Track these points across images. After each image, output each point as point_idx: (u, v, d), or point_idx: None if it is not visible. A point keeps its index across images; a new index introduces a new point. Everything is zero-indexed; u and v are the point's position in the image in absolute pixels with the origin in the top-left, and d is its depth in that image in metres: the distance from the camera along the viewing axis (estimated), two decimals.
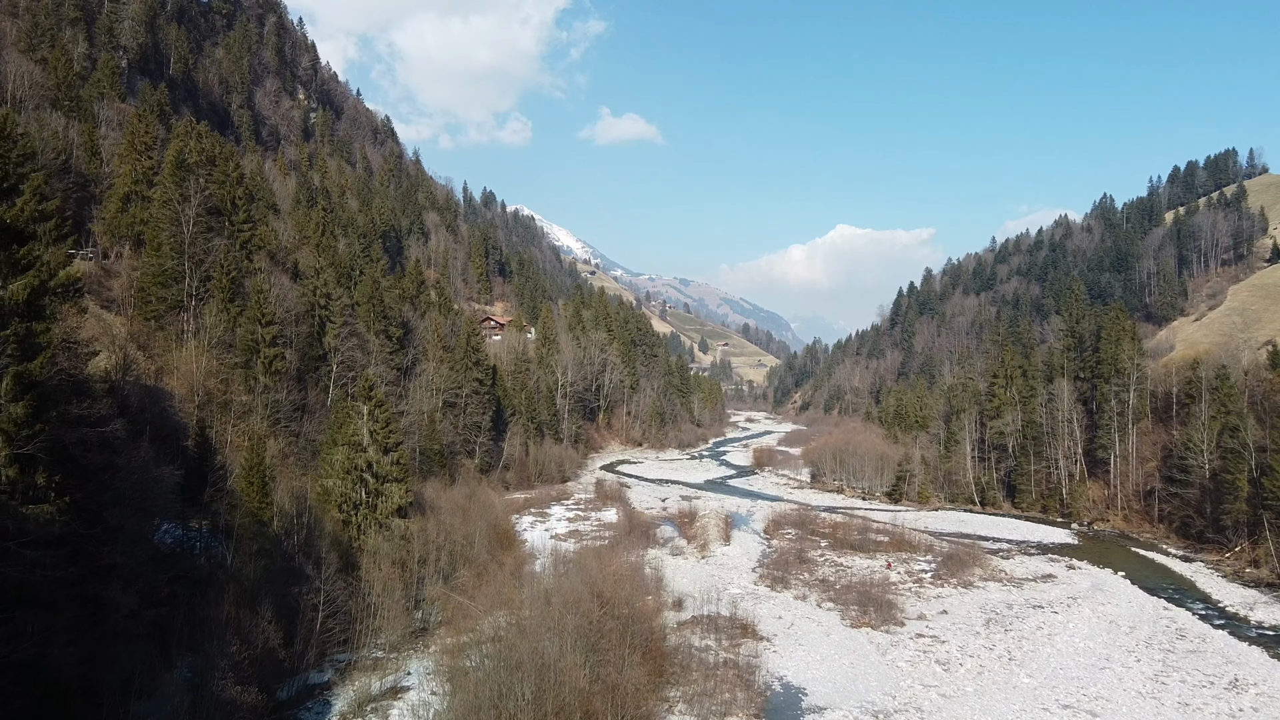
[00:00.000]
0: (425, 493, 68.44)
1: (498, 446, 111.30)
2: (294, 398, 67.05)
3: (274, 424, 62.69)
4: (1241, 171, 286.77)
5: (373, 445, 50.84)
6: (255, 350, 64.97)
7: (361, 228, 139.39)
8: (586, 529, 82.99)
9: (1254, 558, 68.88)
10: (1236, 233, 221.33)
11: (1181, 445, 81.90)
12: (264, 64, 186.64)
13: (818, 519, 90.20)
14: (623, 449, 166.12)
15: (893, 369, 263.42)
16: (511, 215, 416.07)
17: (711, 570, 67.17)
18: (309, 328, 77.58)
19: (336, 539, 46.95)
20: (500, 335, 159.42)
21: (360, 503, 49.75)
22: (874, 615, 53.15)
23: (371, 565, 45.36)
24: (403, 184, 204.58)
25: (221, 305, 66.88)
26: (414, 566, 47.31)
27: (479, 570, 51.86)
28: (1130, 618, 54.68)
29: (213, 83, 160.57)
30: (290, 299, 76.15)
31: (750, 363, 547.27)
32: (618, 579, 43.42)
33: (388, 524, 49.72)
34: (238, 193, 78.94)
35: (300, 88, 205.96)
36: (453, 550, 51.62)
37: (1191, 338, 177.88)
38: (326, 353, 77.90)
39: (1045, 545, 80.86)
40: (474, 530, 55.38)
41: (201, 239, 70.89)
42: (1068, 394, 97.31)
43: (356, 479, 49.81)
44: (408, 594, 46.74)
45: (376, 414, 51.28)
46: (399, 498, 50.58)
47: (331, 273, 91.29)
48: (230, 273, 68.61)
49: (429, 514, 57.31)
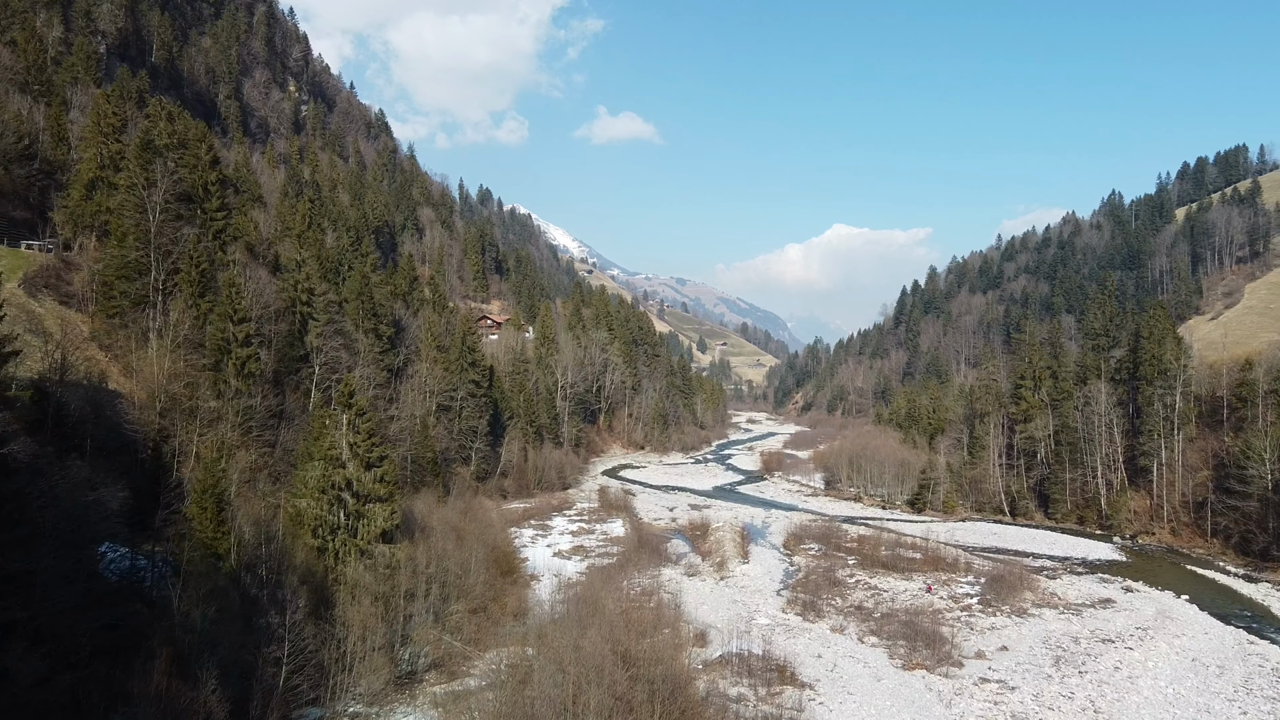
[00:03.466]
0: (416, 508, 61.85)
1: (495, 452, 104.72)
2: (270, 403, 60.37)
3: (246, 433, 56.03)
4: (1253, 167, 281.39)
5: (353, 460, 44.23)
6: (226, 350, 58.32)
7: (353, 222, 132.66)
8: (592, 544, 76.53)
9: None
10: (1252, 229, 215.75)
11: (1239, 453, 75.42)
12: (253, 54, 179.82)
13: (840, 532, 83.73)
14: (625, 453, 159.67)
15: (897, 369, 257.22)
16: (508, 213, 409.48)
17: (733, 594, 60.66)
18: (289, 326, 70.93)
19: (309, 571, 40.33)
20: (497, 334, 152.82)
21: (338, 526, 43.14)
22: (926, 653, 46.63)
23: (350, 601, 38.76)
24: (396, 179, 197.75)
25: (190, 300, 60.25)
26: (400, 602, 40.66)
27: (476, 605, 45.32)
28: (1213, 654, 48.23)
29: (198, 72, 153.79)
30: (268, 294, 69.46)
31: (749, 362, 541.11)
32: (641, 626, 36.92)
33: (370, 550, 43.13)
34: (211, 178, 72.28)
35: (291, 79, 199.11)
36: (445, 581, 45.00)
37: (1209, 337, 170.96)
38: (308, 353, 71.19)
39: (1091, 562, 74.41)
40: (470, 556, 48.73)
41: (170, 228, 64.32)
42: (1105, 397, 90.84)
43: (334, 499, 43.20)
44: (392, 632, 40.16)
45: (358, 424, 44.66)
46: (383, 520, 43.98)
47: (316, 266, 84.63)
48: (200, 265, 61.94)
49: (419, 536, 50.71)
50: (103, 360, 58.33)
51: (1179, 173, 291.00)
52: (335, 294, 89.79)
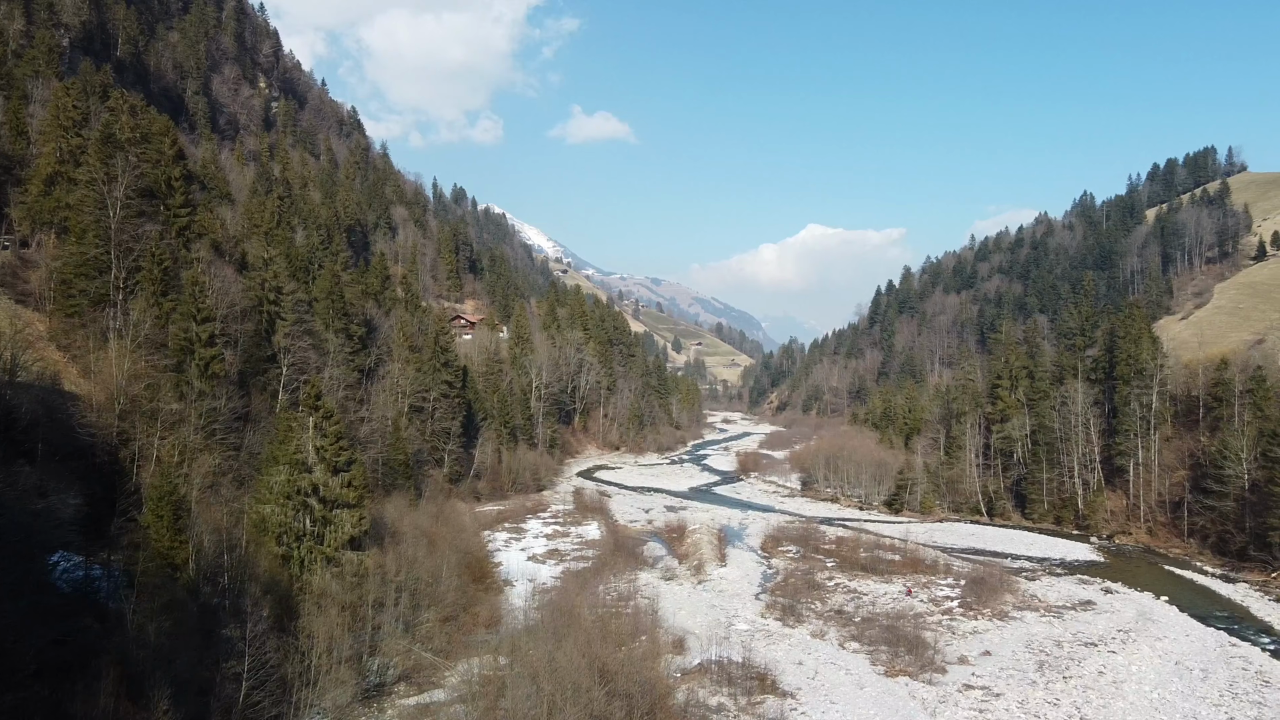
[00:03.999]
0: (386, 513, 60.30)
1: (468, 454, 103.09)
2: (235, 405, 58.59)
3: (209, 436, 54.25)
4: (1221, 169, 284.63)
5: (320, 464, 42.73)
6: (189, 350, 56.48)
7: (324, 220, 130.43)
8: (567, 548, 75.21)
9: None
10: (1221, 230, 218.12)
11: (1215, 453, 75.37)
12: (222, 49, 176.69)
13: (818, 533, 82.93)
14: (600, 453, 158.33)
15: (872, 369, 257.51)
16: (482, 213, 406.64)
17: (711, 599, 59.59)
18: (256, 325, 69.08)
19: (273, 580, 38.80)
20: (471, 334, 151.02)
21: (304, 533, 41.62)
22: (909, 659, 45.76)
23: (315, 612, 37.26)
24: (369, 177, 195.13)
25: (151, 299, 58.37)
26: (368, 612, 39.22)
27: (448, 614, 43.92)
28: (1196, 657, 47.74)
29: (166, 67, 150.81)
30: (234, 293, 67.59)
31: (724, 362, 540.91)
32: (618, 634, 35.73)
33: (338, 558, 41.65)
34: (175, 173, 70.33)
35: (261, 76, 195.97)
36: (416, 590, 43.58)
37: (1179, 337, 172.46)
38: (276, 353, 69.36)
39: (1069, 563, 74.02)
40: (441, 562, 47.30)
41: (131, 224, 62.47)
42: (1082, 397, 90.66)
43: (299, 505, 41.66)
44: (359, 643, 38.72)
45: (325, 427, 43.15)
46: (351, 526, 42.51)
47: (284, 264, 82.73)
48: (163, 262, 60.02)
49: (389, 542, 49.23)
50: (60, 361, 56.41)
51: (1149, 174, 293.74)
52: (305, 293, 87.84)
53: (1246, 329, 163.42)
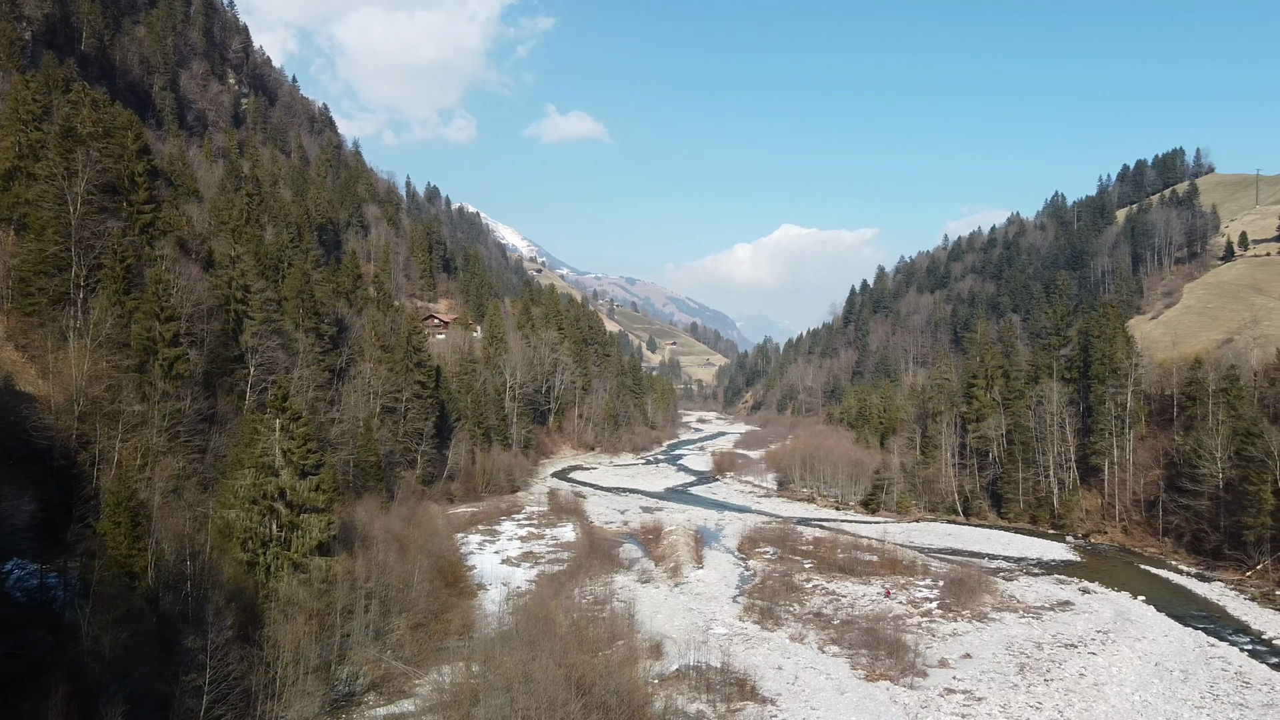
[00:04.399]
0: (357, 516, 58.99)
1: (442, 455, 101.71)
2: (200, 406, 57.07)
3: (173, 438, 52.78)
4: (1189, 170, 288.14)
5: (287, 467, 41.45)
6: (152, 350, 54.93)
7: (295, 218, 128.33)
8: (542, 550, 74.21)
9: None
10: (1190, 230, 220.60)
11: (1190, 452, 75.55)
12: (190, 45, 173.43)
13: (795, 534, 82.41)
14: (575, 454, 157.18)
15: (847, 368, 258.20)
16: (456, 212, 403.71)
17: (688, 601, 58.78)
18: (223, 325, 67.47)
19: (238, 588, 37.54)
20: (445, 334, 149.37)
21: (270, 539, 40.32)
22: (889, 663, 45.15)
23: (281, 620, 36.01)
24: (341, 175, 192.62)
25: (113, 298, 56.73)
26: (336, 620, 38.04)
27: (419, 621, 42.78)
28: (1176, 658, 47.52)
29: (132, 62, 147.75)
30: (200, 291, 65.92)
31: (699, 362, 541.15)
32: (594, 641, 34.79)
33: (305, 564, 40.42)
34: (138, 168, 68.45)
35: (230, 72, 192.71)
36: (386, 596, 42.41)
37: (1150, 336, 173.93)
38: (243, 353, 67.83)
39: (1046, 563, 73.92)
40: (413, 567, 46.14)
41: (92, 221, 60.82)
42: (1057, 396, 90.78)
43: (266, 509, 40.37)
44: (327, 652, 37.53)
45: (292, 429, 41.87)
46: (320, 531, 41.26)
47: (252, 262, 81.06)
48: (125, 260, 58.38)
49: (359, 546, 47.97)
50: (17, 361, 54.68)
51: (1119, 175, 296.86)
52: (274, 292, 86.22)
53: (1215, 329, 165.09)
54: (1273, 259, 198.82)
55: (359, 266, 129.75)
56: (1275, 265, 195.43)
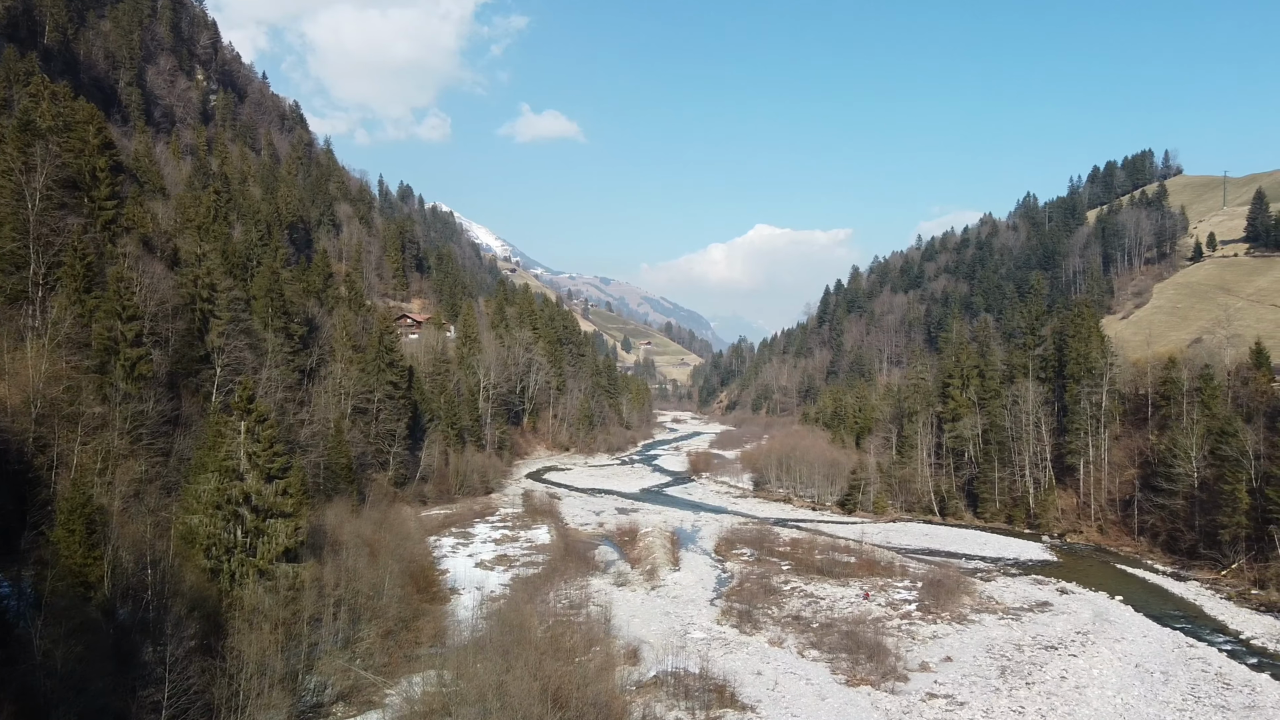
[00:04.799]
0: (327, 520, 57.63)
1: (414, 456, 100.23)
2: (164, 408, 55.53)
3: (135, 441, 51.27)
4: (1158, 172, 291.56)
5: (253, 471, 40.12)
6: (114, 350, 53.41)
7: (264, 216, 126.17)
8: (516, 553, 73.13)
9: (1258, 577, 62.55)
10: (1159, 231, 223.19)
11: (1165, 451, 75.67)
12: (157, 40, 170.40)
13: (772, 535, 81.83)
14: (550, 454, 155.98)
15: (821, 368, 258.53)
16: (430, 211, 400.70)
17: (665, 605, 57.92)
18: (188, 324, 65.81)
19: (201, 597, 36.21)
20: (418, 334, 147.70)
21: (234, 545, 38.98)
22: (870, 667, 44.49)
23: (246, 630, 34.76)
24: (312, 173, 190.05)
25: (73, 296, 55.12)
26: (304, 629, 36.81)
27: (389, 628, 41.60)
28: (1155, 659, 47.24)
29: (97, 57, 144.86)
30: (164, 290, 64.23)
31: (673, 361, 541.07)
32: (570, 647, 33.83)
33: (271, 571, 39.11)
34: (100, 163, 66.64)
35: (199, 67, 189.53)
36: (355, 603, 41.21)
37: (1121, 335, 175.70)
38: (209, 353, 66.22)
39: (1023, 563, 73.77)
40: (383, 573, 44.94)
41: (52, 217, 59.19)
42: (1033, 396, 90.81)
43: (230, 515, 39.02)
44: (293, 662, 36.30)
45: (258, 431, 40.54)
46: (286, 537, 39.96)
47: (219, 260, 79.31)
48: (86, 258, 56.76)
49: (328, 552, 46.71)
50: None
51: (1089, 176, 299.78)
52: (242, 291, 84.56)
53: (1185, 329, 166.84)
54: (1241, 259, 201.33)
55: (330, 265, 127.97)
56: (1243, 266, 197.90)
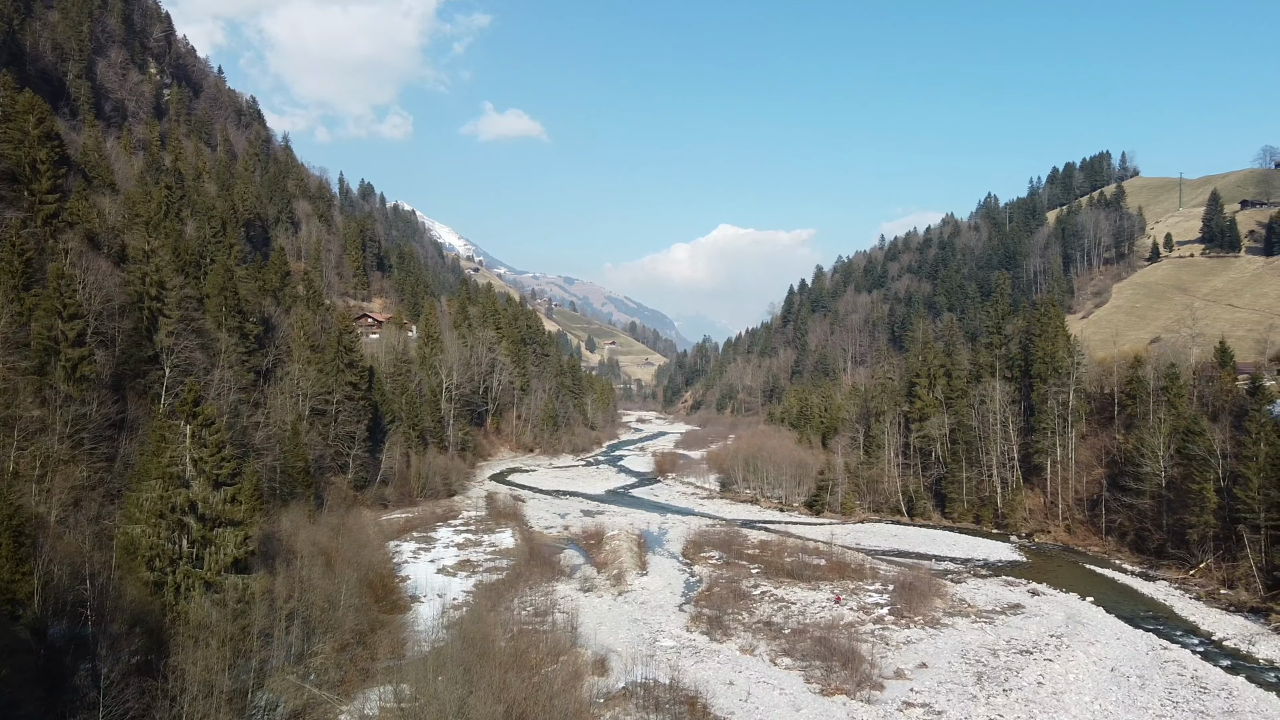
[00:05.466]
0: (282, 527, 55.50)
1: (375, 459, 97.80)
2: (108, 411, 53.07)
3: (76, 446, 48.86)
4: (1115, 173, 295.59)
5: (199, 478, 37.99)
6: (54, 351, 50.98)
7: (220, 213, 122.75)
8: (479, 558, 71.24)
9: (1226, 577, 62.40)
10: (1118, 232, 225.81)
11: (1133, 450, 75.58)
12: (108, 32, 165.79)
13: (740, 537, 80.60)
14: (514, 455, 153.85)
15: (786, 367, 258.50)
16: (391, 210, 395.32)
17: (633, 611, 56.41)
18: (135, 323, 63.19)
19: (143, 612, 34.11)
20: (379, 334, 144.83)
21: (180, 557, 36.85)
22: (844, 675, 43.28)
23: (191, 647, 32.73)
24: (270, 170, 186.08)
25: (10, 293, 52.58)
26: (253, 645, 34.80)
27: (345, 641, 39.63)
28: (1131, 662, 46.56)
29: (44, 48, 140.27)
30: (110, 287, 61.54)
31: (638, 361, 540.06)
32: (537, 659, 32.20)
33: (219, 583, 37.03)
34: (41, 155, 63.85)
35: (152, 61, 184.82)
36: (309, 616, 39.18)
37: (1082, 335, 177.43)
38: (158, 353, 63.63)
39: (993, 564, 73.24)
40: (340, 583, 42.92)
41: None
42: (1000, 395, 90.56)
43: (174, 524, 36.88)
44: (241, 680, 34.30)
45: (205, 435, 38.42)
46: (235, 546, 37.88)
47: (170, 257, 76.60)
48: (24, 253, 54.25)
49: (281, 561, 44.62)
50: None
51: (1049, 177, 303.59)
52: (194, 289, 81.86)
53: (1144, 328, 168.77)
54: (1197, 260, 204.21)
55: (287, 263, 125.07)
56: (1199, 266, 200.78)
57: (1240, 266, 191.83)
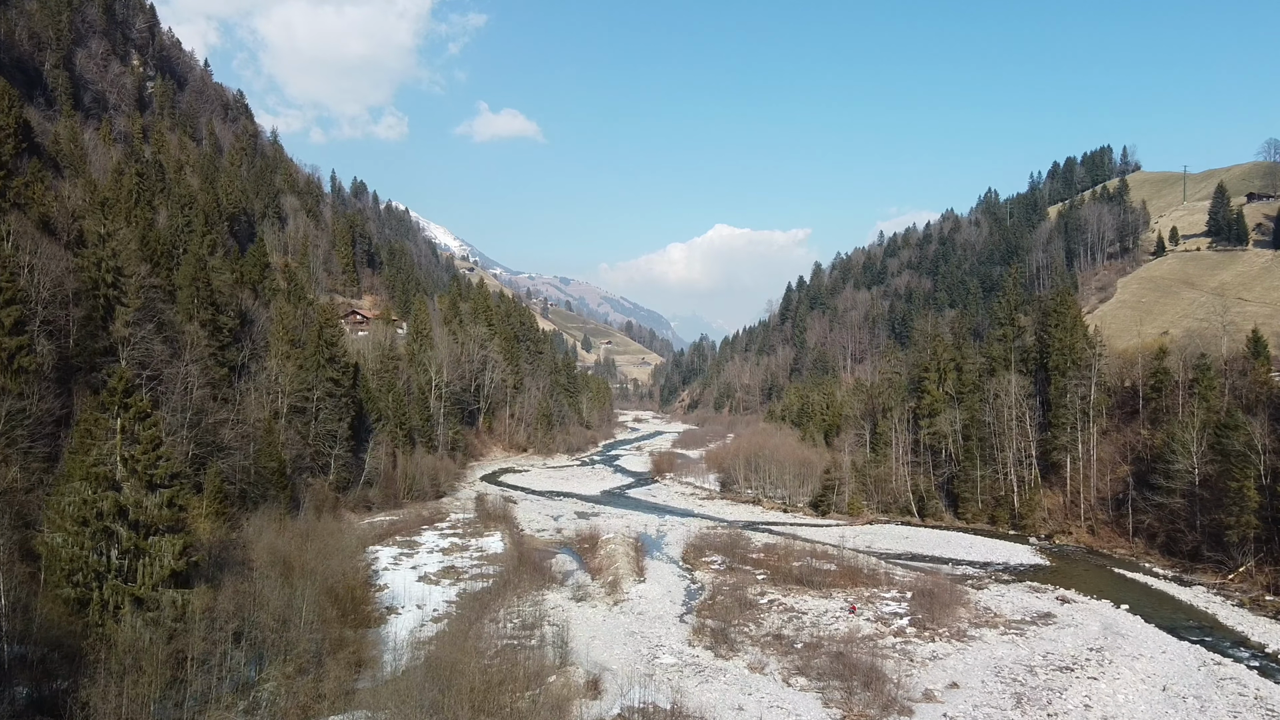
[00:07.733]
0: (246, 532, 50.82)
1: (358, 459, 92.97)
2: (50, 405, 48.32)
3: (10, 444, 44.04)
4: (1117, 168, 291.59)
5: (130, 479, 33.21)
6: None
7: (203, 206, 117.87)
8: (465, 563, 66.59)
9: (1271, 581, 57.83)
10: (1121, 226, 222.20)
11: (1161, 446, 70.93)
12: (88, 22, 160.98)
13: (744, 540, 75.82)
14: (506, 456, 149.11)
15: (784, 366, 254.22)
16: (385, 209, 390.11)
17: (629, 623, 51.64)
18: (89, 312, 58.34)
19: (63, 633, 29.37)
20: (368, 331, 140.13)
21: (107, 569, 32.08)
22: (866, 697, 38.54)
23: (116, 675, 27.92)
24: (257, 164, 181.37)
25: None
26: (190, 673, 30.04)
27: (302, 664, 34.81)
28: (1183, 680, 41.90)
29: (21, 37, 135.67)
30: (59, 272, 56.70)
31: (634, 361, 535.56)
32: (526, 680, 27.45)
33: (154, 599, 32.27)
34: None
35: (135, 53, 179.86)
36: (258, 637, 34.39)
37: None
38: (114, 344, 58.82)
39: (1014, 568, 68.60)
40: (299, 599, 38.07)
41: None
42: (1015, 389, 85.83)
43: (100, 533, 32.09)
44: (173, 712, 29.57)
45: (137, 431, 33.63)
46: (174, 557, 33.09)
47: (134, 243, 71.80)
48: None
49: (240, 571, 39.84)
50: None
51: (1050, 172, 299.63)
52: (163, 278, 77.12)
53: (1150, 323, 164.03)
54: (1203, 254, 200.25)
55: (266, 255, 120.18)
56: (1206, 260, 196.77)
57: (1248, 260, 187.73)
